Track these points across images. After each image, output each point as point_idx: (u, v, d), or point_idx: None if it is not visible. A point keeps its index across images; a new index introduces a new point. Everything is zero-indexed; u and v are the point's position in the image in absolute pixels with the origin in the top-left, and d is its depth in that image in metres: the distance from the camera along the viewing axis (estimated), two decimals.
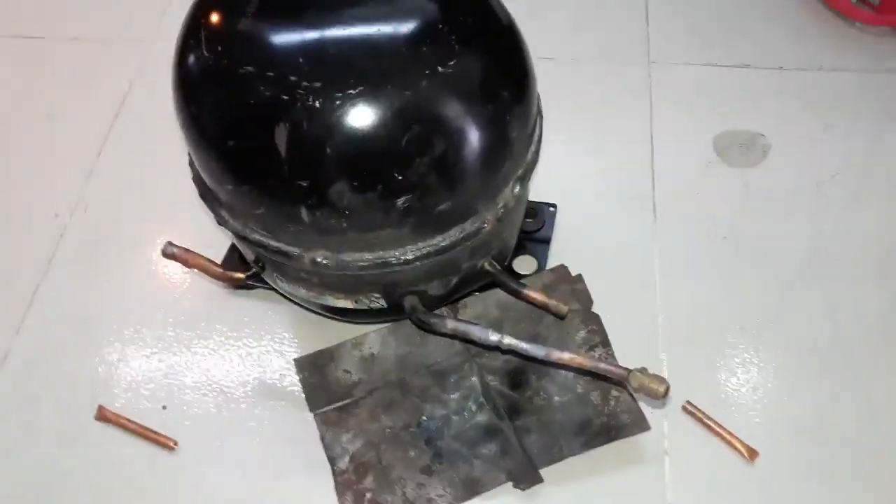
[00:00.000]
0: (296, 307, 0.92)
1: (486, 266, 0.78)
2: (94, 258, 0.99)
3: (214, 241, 0.95)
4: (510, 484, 0.80)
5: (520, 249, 0.94)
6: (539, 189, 0.94)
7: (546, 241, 0.95)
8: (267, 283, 0.86)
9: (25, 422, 0.86)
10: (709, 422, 0.83)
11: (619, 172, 1.03)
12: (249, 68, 0.62)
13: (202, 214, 0.84)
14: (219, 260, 0.93)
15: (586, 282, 0.88)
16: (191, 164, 0.76)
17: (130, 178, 1.06)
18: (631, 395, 0.81)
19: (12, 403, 0.88)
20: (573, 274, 0.88)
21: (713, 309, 0.91)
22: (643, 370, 0.71)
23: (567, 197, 0.99)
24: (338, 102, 0.61)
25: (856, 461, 0.80)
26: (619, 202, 1.01)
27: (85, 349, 0.91)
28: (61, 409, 0.87)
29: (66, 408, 0.87)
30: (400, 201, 0.65)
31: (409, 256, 0.70)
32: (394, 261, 0.70)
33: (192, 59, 0.66)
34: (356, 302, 0.78)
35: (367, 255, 0.70)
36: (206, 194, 0.75)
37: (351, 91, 0.61)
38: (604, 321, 0.87)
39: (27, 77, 1.19)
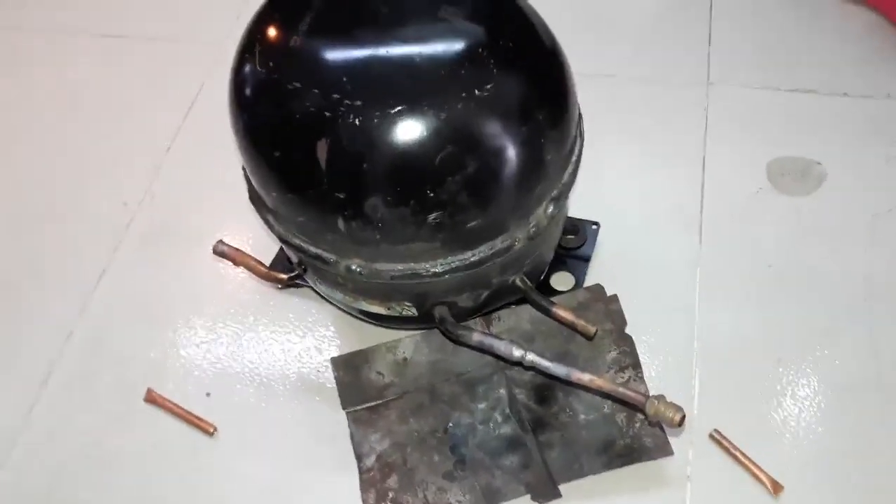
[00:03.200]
0: (337, 308, 0.95)
1: (518, 282, 0.80)
2: (156, 248, 1.05)
3: (268, 241, 0.99)
4: (528, 497, 0.81)
5: (559, 265, 0.95)
6: (583, 206, 0.95)
7: (586, 259, 0.96)
8: (309, 285, 0.90)
9: (81, 397, 0.93)
10: (735, 452, 0.82)
11: (668, 193, 1.03)
12: (297, 84, 0.65)
13: (256, 215, 0.88)
14: (270, 259, 0.98)
15: (624, 302, 0.89)
16: (243, 168, 0.81)
17: (195, 174, 1.12)
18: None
19: (71, 379, 0.94)
20: (609, 294, 0.89)
21: (751, 338, 0.90)
22: (661, 398, 0.71)
23: (612, 215, 0.99)
24: (376, 121, 0.64)
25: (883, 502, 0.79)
26: (664, 223, 1.00)
27: (141, 333, 0.97)
28: (114, 389, 0.93)
29: (119, 387, 0.93)
30: (431, 217, 0.67)
31: (439, 269, 0.73)
32: (424, 272, 0.73)
33: (246, 71, 0.70)
34: (388, 308, 0.81)
35: (399, 266, 0.73)
36: (254, 198, 0.79)
37: (390, 110, 0.64)
38: (638, 343, 0.87)
39: (107, 73, 1.26)
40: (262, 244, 0.98)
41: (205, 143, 1.15)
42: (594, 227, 0.98)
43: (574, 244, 0.96)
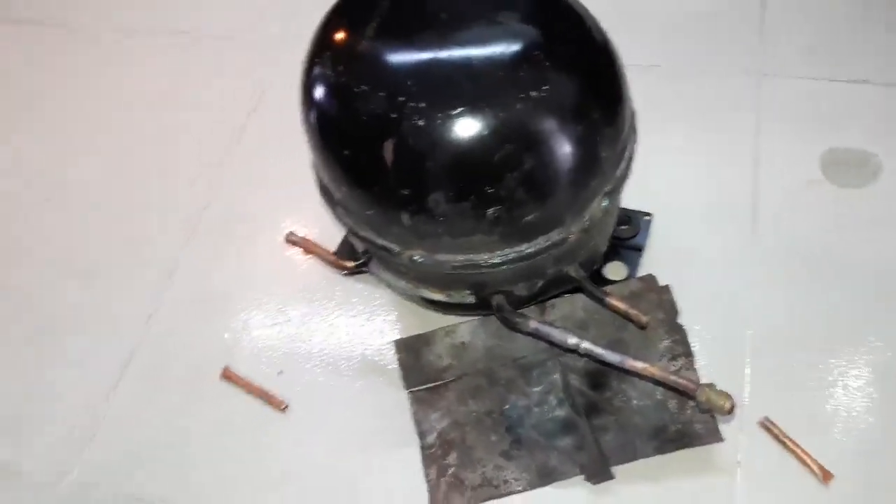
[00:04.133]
0: (398, 294, 1.00)
1: (572, 272, 0.83)
2: (228, 235, 1.11)
3: (333, 230, 1.04)
4: (582, 477, 0.85)
5: (612, 255, 0.98)
6: (636, 197, 0.97)
7: (639, 250, 0.99)
8: (372, 272, 0.95)
9: (160, 376, 1.00)
10: (785, 439, 0.84)
11: (721, 184, 1.04)
12: (365, 87, 0.70)
13: (323, 207, 0.93)
14: (334, 246, 1.03)
15: (676, 292, 0.91)
16: (312, 164, 0.86)
17: (263, 165, 1.18)
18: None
19: (152, 360, 1.01)
20: (661, 283, 0.92)
21: (803, 328, 0.92)
22: (711, 386, 0.74)
23: (665, 206, 1.01)
24: (439, 121, 0.68)
25: None
26: (717, 214, 1.02)
27: (216, 316, 1.04)
28: (192, 368, 1.00)
29: (196, 367, 1.00)
30: (490, 211, 0.71)
31: (497, 260, 0.77)
32: (482, 263, 0.77)
33: (317, 74, 0.75)
34: (448, 296, 0.85)
35: (459, 257, 0.77)
36: (324, 192, 0.84)
37: (451, 112, 0.68)
38: (690, 333, 0.90)
39: (177, 69, 1.32)
40: (328, 232, 1.03)
41: (271, 135, 1.21)
42: (647, 218, 1.00)
43: (627, 234, 0.99)
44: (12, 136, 1.27)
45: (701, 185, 1.04)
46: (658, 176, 1.02)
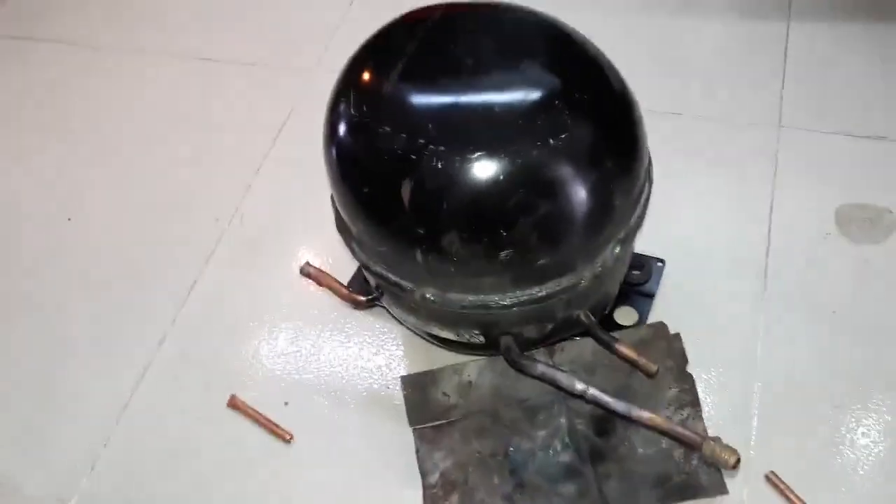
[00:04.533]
0: (407, 330, 1.01)
1: (582, 317, 0.84)
2: (243, 263, 1.13)
3: (347, 261, 1.05)
4: None
5: (623, 299, 0.98)
6: (650, 242, 0.97)
7: (650, 296, 0.99)
8: (383, 307, 0.95)
9: (169, 400, 1.01)
10: (790, 494, 0.83)
11: (735, 234, 1.05)
12: (387, 128, 0.71)
13: (338, 238, 0.95)
14: (347, 278, 1.04)
15: (685, 340, 0.91)
16: (331, 198, 0.87)
17: (282, 195, 1.20)
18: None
19: (162, 383, 1.02)
20: (672, 331, 0.92)
21: (813, 383, 0.91)
22: (717, 439, 0.73)
23: (677, 253, 1.02)
24: (457, 164, 0.69)
25: None
26: (730, 264, 1.02)
27: (226, 343, 1.05)
28: (200, 394, 1.01)
29: (204, 392, 1.00)
30: (503, 254, 0.72)
31: (508, 302, 0.77)
32: (493, 304, 0.77)
33: (341, 112, 0.76)
34: (457, 335, 0.86)
35: (470, 297, 0.78)
36: (341, 226, 0.85)
37: (470, 155, 0.69)
38: (698, 381, 0.90)
39: (202, 95, 1.35)
40: (341, 265, 1.04)
41: (292, 165, 1.23)
42: (659, 264, 1.01)
43: (639, 280, 0.99)
44: (35, 155, 1.30)
45: (715, 233, 1.05)
46: (673, 222, 1.03)
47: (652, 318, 0.97)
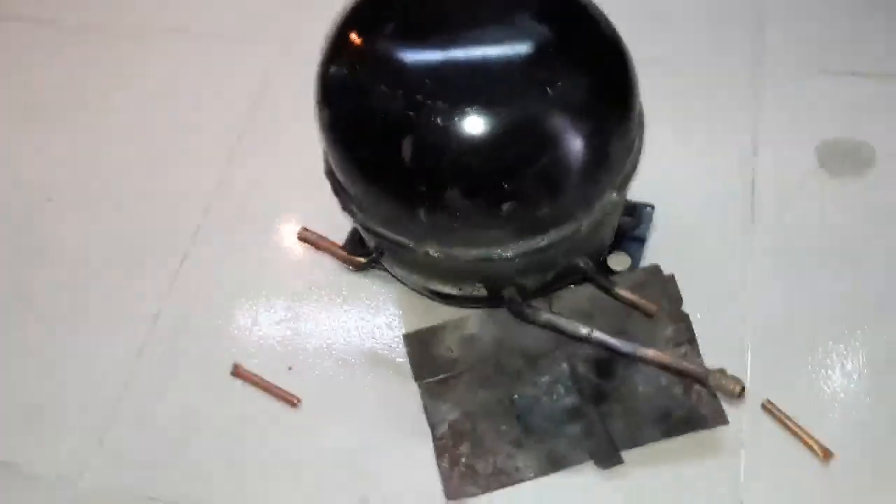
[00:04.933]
0: (405, 288, 1.02)
1: (581, 264, 0.86)
2: (234, 232, 1.12)
3: (339, 223, 1.04)
4: (591, 462, 0.87)
5: (616, 246, 1.00)
6: (638, 188, 0.98)
7: (642, 240, 1.01)
8: (384, 267, 0.96)
9: (171, 375, 1.01)
10: (787, 421, 0.87)
11: (720, 175, 1.06)
12: (383, 87, 0.71)
13: (328, 199, 0.94)
14: (341, 242, 1.04)
15: (679, 281, 0.94)
16: (326, 160, 0.87)
17: (265, 161, 1.19)
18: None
19: (161, 358, 1.02)
20: (666, 273, 0.94)
21: (802, 313, 0.95)
22: (722, 371, 0.76)
23: (666, 197, 1.03)
24: (455, 119, 0.69)
25: None
26: (717, 205, 1.04)
27: (224, 313, 1.05)
28: (202, 365, 1.01)
29: (206, 364, 1.01)
30: (505, 207, 0.73)
31: (510, 254, 0.78)
32: (496, 257, 0.79)
33: (334, 73, 0.76)
34: (460, 289, 0.87)
35: (473, 251, 0.79)
36: (338, 189, 0.85)
37: (468, 109, 0.69)
38: (693, 319, 0.92)
39: (176, 66, 1.32)
40: (333, 226, 1.03)
41: (273, 131, 1.21)
42: (649, 209, 1.02)
43: (631, 226, 1.01)
44: (14, 135, 1.27)
45: (701, 176, 1.07)
46: (660, 168, 1.03)
47: (644, 262, 0.99)
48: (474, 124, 0.69)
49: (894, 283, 0.95)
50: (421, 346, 0.94)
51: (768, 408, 0.88)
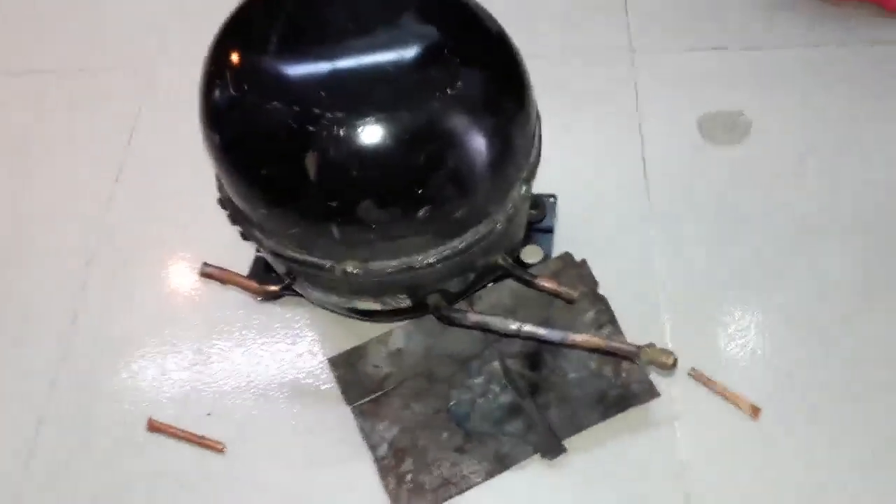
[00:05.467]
0: (321, 311, 0.98)
1: (500, 261, 0.85)
2: (124, 280, 1.05)
3: (236, 252, 1.00)
4: (537, 456, 0.87)
5: (526, 240, 1.00)
6: (538, 181, 0.99)
7: (549, 231, 1.02)
8: (296, 293, 0.92)
9: (80, 439, 0.93)
10: (713, 385, 0.90)
11: (612, 160, 1.10)
12: (276, 104, 0.68)
13: (220, 228, 0.89)
14: (242, 270, 0.99)
15: (590, 265, 0.95)
16: (220, 188, 0.82)
17: (149, 199, 1.12)
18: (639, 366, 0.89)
19: (67, 424, 0.94)
20: (578, 259, 0.95)
21: (709, 280, 0.99)
22: (651, 345, 0.78)
23: (566, 187, 1.05)
24: (360, 129, 0.67)
25: (847, 406, 0.88)
26: (614, 188, 1.07)
27: (129, 366, 0.98)
28: (113, 424, 0.94)
29: (118, 422, 0.94)
30: (421, 212, 0.71)
31: (431, 260, 0.77)
32: (417, 265, 0.77)
33: (219, 96, 0.72)
34: (383, 304, 0.85)
35: (393, 262, 0.77)
36: (237, 217, 0.81)
37: (370, 118, 0.67)
38: (610, 301, 0.94)
39: (40, 109, 1.23)
40: (233, 257, 0.99)
41: (152, 166, 1.15)
42: (552, 199, 1.04)
43: (537, 218, 1.02)
44: None
45: (595, 162, 1.10)
46: (555, 159, 1.05)
47: (556, 251, 1.00)
48: (379, 132, 0.68)
49: (787, 239, 1.01)
50: (347, 368, 0.91)
51: (694, 375, 0.91)
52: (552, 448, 0.87)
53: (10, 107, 1.24)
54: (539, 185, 1.01)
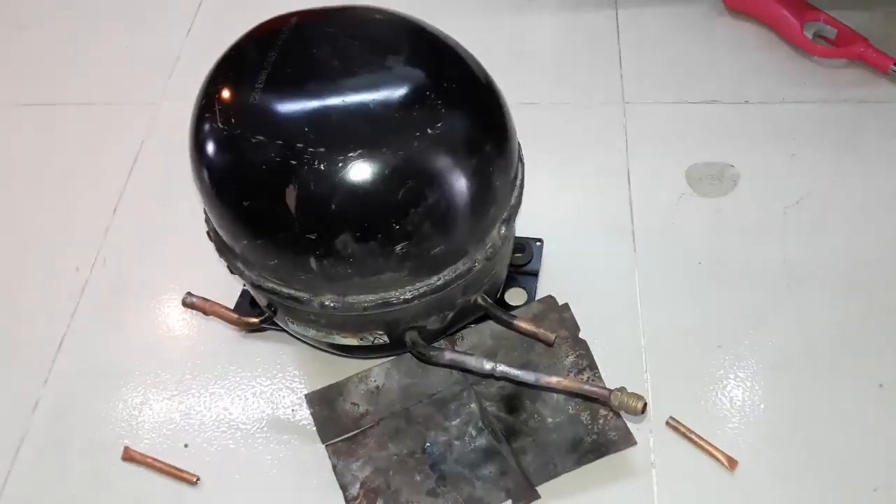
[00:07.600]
0: (304, 346, 0.99)
1: (479, 300, 0.86)
2: (114, 309, 1.06)
3: (226, 288, 1.02)
4: (510, 501, 0.86)
5: (511, 282, 1.01)
6: (526, 225, 1.01)
7: (534, 274, 1.03)
8: (278, 326, 0.93)
9: (56, 465, 0.93)
10: (691, 435, 0.89)
11: (600, 207, 1.11)
12: (261, 137, 0.70)
13: (213, 263, 0.90)
14: (231, 305, 1.00)
15: (573, 310, 0.95)
16: (207, 220, 0.84)
17: (144, 232, 1.14)
18: (616, 413, 0.88)
19: (43, 449, 0.94)
20: (560, 303, 0.96)
21: (692, 330, 0.98)
22: (622, 389, 0.78)
23: (553, 232, 1.06)
24: (340, 164, 0.69)
25: (827, 463, 0.87)
26: (600, 235, 1.08)
27: (109, 395, 0.98)
28: (89, 452, 0.93)
29: (94, 450, 0.93)
30: (398, 248, 0.72)
31: (409, 296, 0.78)
32: (394, 300, 0.78)
33: (207, 130, 0.74)
34: (361, 339, 0.85)
35: (370, 297, 0.77)
36: (222, 248, 0.82)
37: (351, 154, 0.69)
38: (591, 346, 0.94)
39: (43, 141, 1.26)
40: (223, 292, 1.00)
41: (150, 200, 1.17)
42: (538, 243, 1.05)
43: (522, 261, 1.03)
44: None
45: (583, 208, 1.11)
46: (543, 204, 1.07)
47: (539, 294, 1.01)
48: (359, 167, 0.69)
49: (771, 292, 1.01)
50: (324, 405, 0.91)
51: (672, 424, 0.90)
52: (525, 495, 0.86)
53: (15, 136, 1.27)
54: (526, 229, 1.03)
